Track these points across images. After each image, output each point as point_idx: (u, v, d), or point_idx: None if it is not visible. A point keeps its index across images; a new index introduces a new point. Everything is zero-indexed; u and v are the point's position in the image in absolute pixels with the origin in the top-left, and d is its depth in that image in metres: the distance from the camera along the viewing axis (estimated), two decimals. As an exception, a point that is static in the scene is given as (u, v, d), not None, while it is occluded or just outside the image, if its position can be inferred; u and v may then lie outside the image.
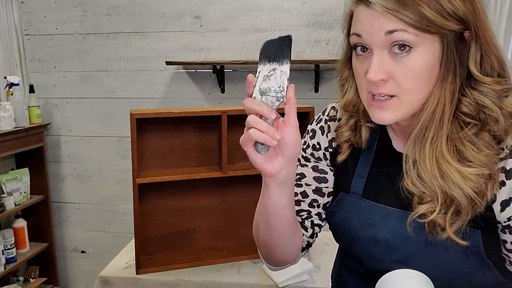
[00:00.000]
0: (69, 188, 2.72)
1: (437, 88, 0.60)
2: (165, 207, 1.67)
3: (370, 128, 0.73)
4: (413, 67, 0.58)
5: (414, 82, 0.59)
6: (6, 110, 2.26)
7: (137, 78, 2.53)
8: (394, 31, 0.56)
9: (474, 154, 0.59)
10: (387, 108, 0.61)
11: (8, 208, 2.32)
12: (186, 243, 1.72)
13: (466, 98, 0.60)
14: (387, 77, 0.59)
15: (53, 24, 2.52)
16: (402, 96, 0.60)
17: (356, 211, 0.73)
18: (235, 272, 1.58)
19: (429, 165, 0.61)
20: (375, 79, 0.58)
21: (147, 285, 1.54)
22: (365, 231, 0.71)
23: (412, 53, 0.57)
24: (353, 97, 0.71)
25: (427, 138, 0.61)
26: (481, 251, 0.63)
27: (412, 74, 0.58)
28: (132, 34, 2.48)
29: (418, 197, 0.64)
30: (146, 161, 1.59)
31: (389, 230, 0.68)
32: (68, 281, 2.85)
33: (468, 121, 0.61)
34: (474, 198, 0.59)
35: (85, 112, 2.61)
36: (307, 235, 0.82)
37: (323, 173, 0.80)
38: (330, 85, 2.39)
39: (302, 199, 0.80)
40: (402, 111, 0.61)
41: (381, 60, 0.58)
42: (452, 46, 0.58)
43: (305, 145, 0.82)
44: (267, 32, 2.38)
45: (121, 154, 2.63)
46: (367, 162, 0.73)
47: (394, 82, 0.59)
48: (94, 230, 2.75)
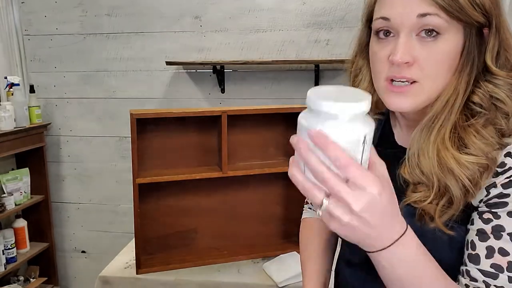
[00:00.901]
0: (69, 188, 2.72)
1: (455, 78, 0.61)
2: (165, 207, 1.67)
3: (377, 121, 0.73)
4: (439, 52, 0.59)
5: (437, 68, 0.60)
6: (7, 110, 2.26)
7: (137, 78, 2.53)
8: (426, 15, 0.57)
9: (475, 141, 0.59)
10: (407, 94, 0.61)
11: (8, 208, 2.33)
12: (186, 243, 1.72)
13: (480, 89, 0.61)
14: (412, 60, 0.59)
15: (53, 24, 2.53)
16: (423, 82, 0.60)
17: None
18: (235, 272, 1.59)
19: (431, 152, 0.61)
20: (401, 60, 0.58)
21: (147, 285, 1.54)
22: None
23: (439, 39, 0.58)
24: (366, 88, 0.71)
25: (435, 126, 0.62)
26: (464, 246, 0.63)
27: (437, 59, 0.59)
28: (132, 34, 2.48)
29: (413, 186, 0.64)
30: (146, 161, 1.59)
31: None
32: (68, 281, 2.85)
33: (478, 111, 0.61)
34: (467, 186, 0.59)
35: (85, 112, 2.62)
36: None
37: None
38: (330, 85, 2.38)
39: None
40: (421, 99, 0.61)
41: (408, 43, 0.59)
42: (473, 38, 0.60)
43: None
44: (267, 32, 2.38)
45: (121, 154, 2.63)
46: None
47: (418, 67, 0.59)
48: (94, 230, 2.75)
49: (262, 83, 2.44)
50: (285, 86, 2.44)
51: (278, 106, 1.68)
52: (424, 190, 0.63)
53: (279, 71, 2.42)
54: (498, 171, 0.59)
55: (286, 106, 1.70)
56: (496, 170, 0.59)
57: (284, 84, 2.44)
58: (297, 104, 1.78)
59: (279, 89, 2.45)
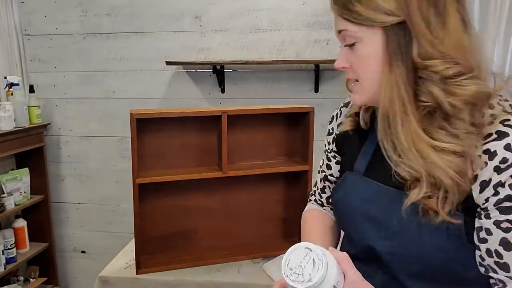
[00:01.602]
0: (69, 188, 2.72)
1: (386, 74, 0.66)
2: (165, 207, 1.67)
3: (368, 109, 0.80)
4: (362, 56, 0.67)
5: (365, 68, 0.68)
6: (6, 110, 2.26)
7: (137, 78, 2.53)
8: (341, 31, 0.69)
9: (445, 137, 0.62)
10: (355, 91, 0.73)
11: (8, 208, 2.33)
12: (186, 243, 1.72)
13: (421, 88, 0.64)
14: (349, 65, 0.70)
15: (53, 24, 2.53)
16: (362, 81, 0.70)
17: (355, 188, 0.78)
18: (235, 272, 1.58)
19: (407, 145, 0.65)
20: (338, 67, 0.72)
21: (147, 285, 1.54)
22: (361, 207, 0.76)
23: (358, 46, 0.67)
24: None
25: (396, 121, 0.66)
26: (462, 236, 0.64)
27: (362, 62, 0.68)
28: (132, 34, 2.48)
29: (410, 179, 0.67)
30: (146, 161, 1.59)
31: (381, 208, 0.72)
32: (68, 281, 2.85)
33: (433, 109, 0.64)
34: (454, 178, 0.61)
35: (85, 112, 2.62)
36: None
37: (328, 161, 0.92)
38: (330, 85, 2.39)
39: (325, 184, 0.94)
40: (367, 95, 0.70)
41: (342, 52, 0.71)
42: (393, 36, 0.64)
43: (327, 131, 0.93)
44: (267, 32, 2.38)
45: (121, 154, 2.63)
46: (372, 143, 0.78)
47: (352, 69, 0.70)
48: (94, 230, 2.75)
49: (262, 83, 2.44)
50: (285, 86, 2.44)
51: (278, 106, 1.68)
52: (417, 186, 0.66)
53: (279, 71, 2.42)
54: (501, 167, 0.59)
55: (286, 106, 1.70)
56: (498, 166, 0.60)
57: (284, 84, 2.44)
58: (297, 104, 1.78)
59: (279, 89, 2.45)
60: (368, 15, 0.64)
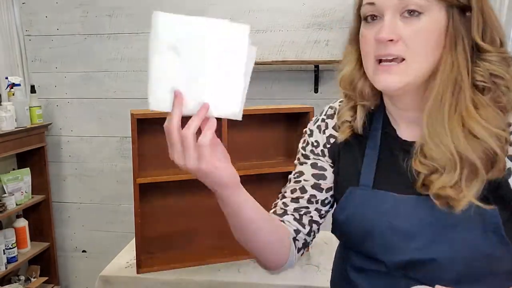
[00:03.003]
0: (70, 188, 2.73)
1: (446, 56, 0.63)
2: (166, 206, 1.68)
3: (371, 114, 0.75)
4: (422, 29, 0.62)
5: (422, 44, 0.63)
6: (8, 110, 2.27)
7: (138, 78, 2.54)
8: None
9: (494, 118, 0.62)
10: (394, 72, 0.64)
11: (9, 208, 2.33)
12: (187, 242, 1.73)
13: (479, 68, 0.63)
14: (397, 38, 0.62)
15: (54, 24, 2.53)
16: (409, 59, 0.63)
17: (368, 203, 0.72)
18: (235, 272, 1.59)
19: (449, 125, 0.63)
20: (386, 36, 0.62)
21: (148, 285, 1.55)
22: (380, 222, 0.69)
23: (421, 17, 0.62)
24: (350, 72, 0.73)
25: (445, 101, 0.63)
26: (500, 228, 0.63)
27: (421, 36, 0.62)
28: (133, 34, 2.49)
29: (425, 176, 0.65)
30: (146, 161, 1.60)
31: (405, 217, 0.68)
32: (69, 281, 2.86)
33: (483, 87, 0.64)
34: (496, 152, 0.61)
35: (86, 112, 2.62)
36: (304, 233, 0.80)
37: (322, 170, 0.80)
38: (329, 85, 2.39)
39: (301, 195, 0.80)
40: (409, 77, 0.64)
41: (392, 22, 0.63)
42: (456, 17, 0.63)
43: (304, 143, 0.83)
44: (267, 32, 2.39)
45: (122, 154, 2.64)
46: (374, 153, 0.74)
47: (403, 43, 0.63)
48: (95, 229, 2.76)
49: (262, 83, 2.45)
50: (285, 86, 2.45)
51: (278, 106, 1.69)
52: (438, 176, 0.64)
53: (279, 72, 2.42)
54: None
55: (286, 106, 1.71)
56: None
57: (284, 84, 2.45)
58: (297, 104, 1.78)
59: (279, 89, 2.45)
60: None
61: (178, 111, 0.56)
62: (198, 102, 0.57)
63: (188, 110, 0.57)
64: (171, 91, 0.56)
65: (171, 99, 0.56)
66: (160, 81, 0.56)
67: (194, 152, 0.57)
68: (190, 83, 0.56)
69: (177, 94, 0.56)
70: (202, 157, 0.57)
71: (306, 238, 0.81)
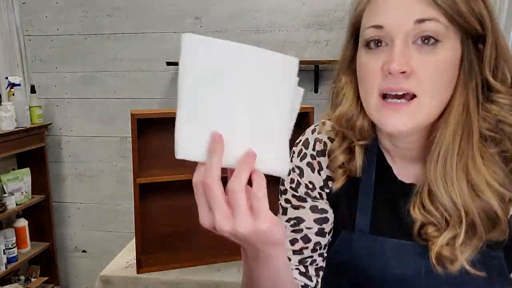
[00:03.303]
0: (70, 188, 2.73)
1: (459, 94, 0.56)
2: (166, 206, 1.68)
3: (365, 152, 0.65)
4: (439, 61, 0.54)
5: (437, 79, 0.54)
6: (8, 110, 2.27)
7: (138, 78, 2.54)
8: (425, 20, 0.52)
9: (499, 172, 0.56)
10: (404, 112, 0.55)
11: (9, 208, 2.33)
12: (187, 242, 1.73)
13: (487, 113, 0.57)
14: (410, 70, 0.53)
15: (54, 25, 2.53)
16: (421, 96, 0.54)
17: (365, 250, 0.65)
18: (236, 272, 1.59)
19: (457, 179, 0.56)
20: (399, 68, 0.52)
21: (148, 285, 1.55)
22: (380, 270, 0.64)
23: (438, 46, 0.53)
24: (348, 109, 0.63)
25: (455, 151, 0.56)
26: (504, 271, 0.59)
27: (437, 69, 0.54)
28: (133, 35, 2.49)
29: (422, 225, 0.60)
30: (146, 161, 1.60)
31: (408, 266, 0.63)
32: (69, 281, 2.86)
33: (489, 136, 0.57)
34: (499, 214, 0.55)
35: (86, 112, 2.62)
36: (312, 286, 0.71)
37: (323, 213, 0.70)
38: (329, 85, 2.38)
39: (305, 245, 0.69)
40: (420, 117, 0.55)
41: (405, 51, 0.53)
42: (471, 49, 0.56)
43: (294, 183, 0.71)
44: (267, 32, 2.39)
45: (122, 154, 2.63)
46: (368, 195, 0.66)
47: (416, 77, 0.53)
48: (95, 229, 2.76)
49: (262, 83, 2.44)
50: (285, 87, 2.44)
51: (278, 107, 1.69)
52: (435, 230, 0.58)
53: (279, 72, 2.42)
54: None
55: (286, 106, 1.71)
56: None
57: (284, 84, 2.44)
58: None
59: (279, 89, 2.45)
60: (466, 12, 0.53)
61: (218, 160, 0.43)
62: (239, 151, 0.44)
63: (227, 161, 0.44)
64: (207, 134, 0.44)
65: (206, 144, 0.44)
66: (194, 122, 0.44)
67: (248, 210, 0.44)
68: (229, 126, 0.44)
69: (217, 137, 0.43)
70: (259, 213, 0.44)
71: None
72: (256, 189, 0.44)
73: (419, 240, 0.60)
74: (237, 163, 0.44)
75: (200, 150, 0.44)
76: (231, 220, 0.44)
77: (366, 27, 0.57)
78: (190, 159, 0.44)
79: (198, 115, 0.44)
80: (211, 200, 0.44)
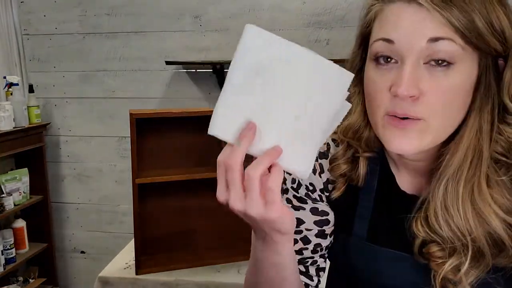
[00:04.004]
0: (68, 188, 2.72)
1: (473, 118, 0.53)
2: (165, 207, 1.67)
3: (368, 160, 0.64)
4: (451, 86, 0.50)
5: (448, 104, 0.51)
6: (6, 110, 2.26)
7: (137, 78, 2.52)
8: (439, 39, 0.48)
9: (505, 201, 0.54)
10: (411, 132, 0.52)
11: (7, 208, 2.32)
12: (186, 243, 1.72)
13: (501, 136, 0.54)
14: (419, 93, 0.50)
15: (52, 23, 2.52)
16: (430, 120, 0.51)
17: (360, 256, 0.65)
18: (235, 272, 1.58)
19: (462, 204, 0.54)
20: (407, 93, 0.49)
21: (147, 285, 1.54)
22: (372, 278, 0.64)
23: (451, 69, 0.50)
24: (356, 121, 0.61)
25: (462, 175, 0.54)
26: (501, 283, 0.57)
27: (448, 94, 0.50)
28: (132, 34, 2.47)
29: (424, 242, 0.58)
30: (145, 161, 1.59)
31: (401, 278, 0.62)
32: (67, 282, 2.85)
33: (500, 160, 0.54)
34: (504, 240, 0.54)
35: (85, 112, 2.61)
36: (313, 285, 0.71)
37: (324, 215, 0.69)
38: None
39: (304, 246, 0.69)
40: (427, 139, 0.53)
41: (415, 72, 0.50)
42: (490, 70, 0.52)
43: (296, 183, 0.70)
44: (268, 31, 2.37)
45: (121, 154, 2.62)
46: (368, 202, 0.65)
47: (425, 102, 0.50)
48: (93, 230, 2.75)
49: (262, 83, 2.44)
50: (285, 86, 2.43)
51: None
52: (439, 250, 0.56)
53: (279, 71, 2.41)
54: None
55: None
56: None
57: (284, 84, 2.43)
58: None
59: (279, 89, 2.44)
60: (485, 32, 0.49)
61: (245, 147, 0.46)
62: (269, 143, 0.47)
63: (254, 149, 0.47)
64: (243, 120, 0.47)
65: (239, 130, 0.47)
66: (234, 107, 0.47)
67: (260, 197, 0.47)
68: (267, 119, 0.47)
69: (251, 127, 0.46)
70: (271, 204, 0.47)
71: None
72: (271, 181, 0.46)
73: (420, 258, 0.59)
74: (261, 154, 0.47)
75: (232, 133, 0.47)
76: (243, 202, 0.47)
77: (375, 39, 0.54)
78: (221, 137, 0.48)
79: (240, 102, 0.47)
80: (230, 180, 0.47)
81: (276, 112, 0.47)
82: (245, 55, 0.48)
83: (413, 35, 0.50)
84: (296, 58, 0.47)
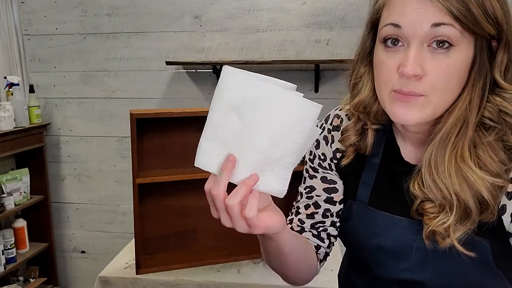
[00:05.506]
0: (69, 188, 2.72)
1: (467, 93, 0.59)
2: (165, 207, 1.67)
3: (376, 132, 0.71)
4: (450, 65, 0.57)
5: (447, 82, 0.57)
6: (6, 110, 2.26)
7: (137, 78, 2.53)
8: (441, 24, 0.55)
9: (493, 158, 0.59)
10: (413, 105, 0.59)
11: (8, 208, 2.32)
12: (186, 243, 1.72)
13: (489, 103, 0.60)
14: (422, 73, 0.57)
15: (53, 24, 2.52)
16: (431, 96, 0.58)
17: (362, 220, 0.72)
18: (235, 272, 1.58)
19: (449, 168, 0.60)
20: (412, 73, 0.56)
21: (147, 285, 1.54)
22: (371, 240, 0.70)
23: (451, 51, 0.56)
24: (366, 97, 0.68)
25: (449, 141, 0.60)
26: (490, 261, 0.62)
27: (448, 73, 0.57)
28: (132, 34, 2.48)
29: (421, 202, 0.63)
30: (146, 161, 1.59)
31: (395, 239, 0.68)
32: (68, 281, 2.85)
33: (489, 125, 0.60)
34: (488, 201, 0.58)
35: (85, 112, 2.61)
36: (325, 246, 0.81)
37: (332, 183, 0.78)
38: (330, 85, 2.38)
39: (315, 210, 0.79)
40: (427, 112, 0.59)
41: (419, 54, 0.56)
42: (484, 51, 0.58)
43: (312, 155, 0.80)
44: (267, 32, 2.38)
45: (121, 154, 2.63)
46: (373, 170, 0.72)
47: (427, 80, 0.57)
48: (94, 230, 2.75)
49: (262, 83, 2.44)
50: (285, 86, 2.43)
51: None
52: (433, 207, 0.62)
53: (279, 71, 2.41)
54: None
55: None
56: None
57: (284, 84, 2.43)
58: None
59: (279, 89, 2.44)
60: (480, 18, 0.55)
61: (226, 178, 0.55)
62: (247, 172, 0.54)
63: (234, 178, 0.55)
64: (223, 152, 0.55)
65: (221, 162, 0.55)
66: (215, 140, 0.55)
67: (243, 221, 0.57)
68: (244, 150, 0.53)
69: (232, 160, 0.54)
70: (252, 226, 0.57)
71: (327, 251, 0.83)
72: (247, 211, 0.55)
73: (416, 215, 0.65)
74: (239, 183, 0.55)
75: (215, 164, 0.55)
76: (231, 223, 0.58)
77: (384, 24, 0.60)
78: (206, 170, 0.57)
79: (220, 136, 0.54)
80: (217, 206, 0.58)
81: (251, 144, 0.53)
82: (223, 93, 0.53)
83: (417, 21, 0.56)
84: (267, 95, 0.52)
